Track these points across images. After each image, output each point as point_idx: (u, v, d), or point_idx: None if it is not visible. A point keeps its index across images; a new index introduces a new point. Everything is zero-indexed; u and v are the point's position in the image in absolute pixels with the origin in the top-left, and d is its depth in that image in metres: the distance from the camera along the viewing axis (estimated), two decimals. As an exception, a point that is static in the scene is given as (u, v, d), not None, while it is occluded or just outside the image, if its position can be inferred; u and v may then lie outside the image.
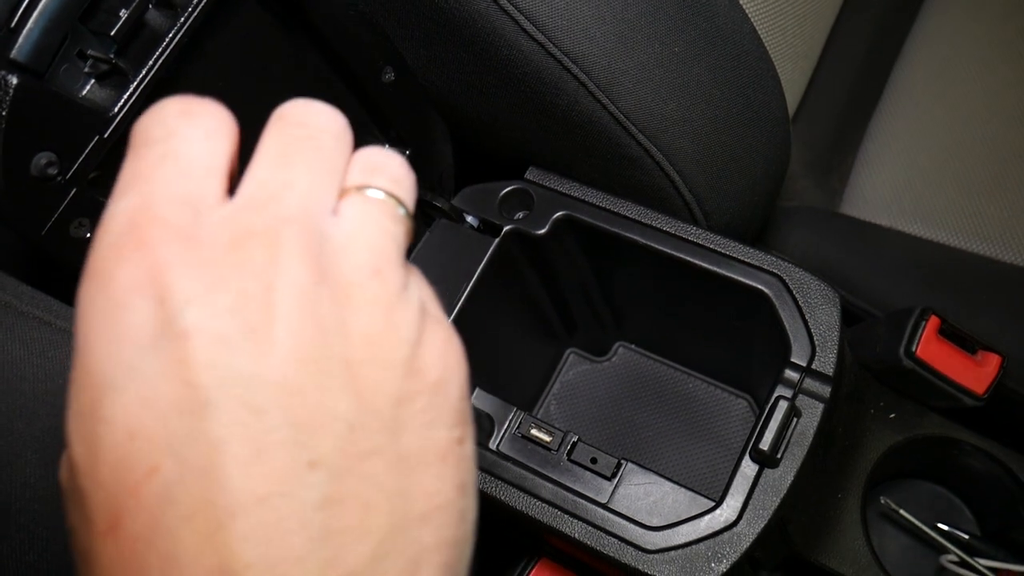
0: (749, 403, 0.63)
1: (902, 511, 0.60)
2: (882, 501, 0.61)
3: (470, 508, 0.22)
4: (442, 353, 0.22)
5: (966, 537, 0.61)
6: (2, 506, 0.35)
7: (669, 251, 0.52)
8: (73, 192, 0.38)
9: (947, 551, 0.60)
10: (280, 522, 0.18)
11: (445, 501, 0.21)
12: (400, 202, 0.23)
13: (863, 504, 0.57)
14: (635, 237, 0.52)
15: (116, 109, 0.39)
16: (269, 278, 0.20)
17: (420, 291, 0.22)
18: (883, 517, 0.62)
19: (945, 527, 0.61)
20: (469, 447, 0.22)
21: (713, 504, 0.46)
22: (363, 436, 0.20)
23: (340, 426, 0.19)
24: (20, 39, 0.36)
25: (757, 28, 0.56)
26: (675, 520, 0.45)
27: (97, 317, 0.20)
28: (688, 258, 0.52)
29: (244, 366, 0.19)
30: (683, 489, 0.51)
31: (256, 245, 0.20)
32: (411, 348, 0.21)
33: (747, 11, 0.56)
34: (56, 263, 0.39)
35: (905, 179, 0.72)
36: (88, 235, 0.39)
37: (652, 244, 0.51)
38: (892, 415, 0.58)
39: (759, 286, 0.50)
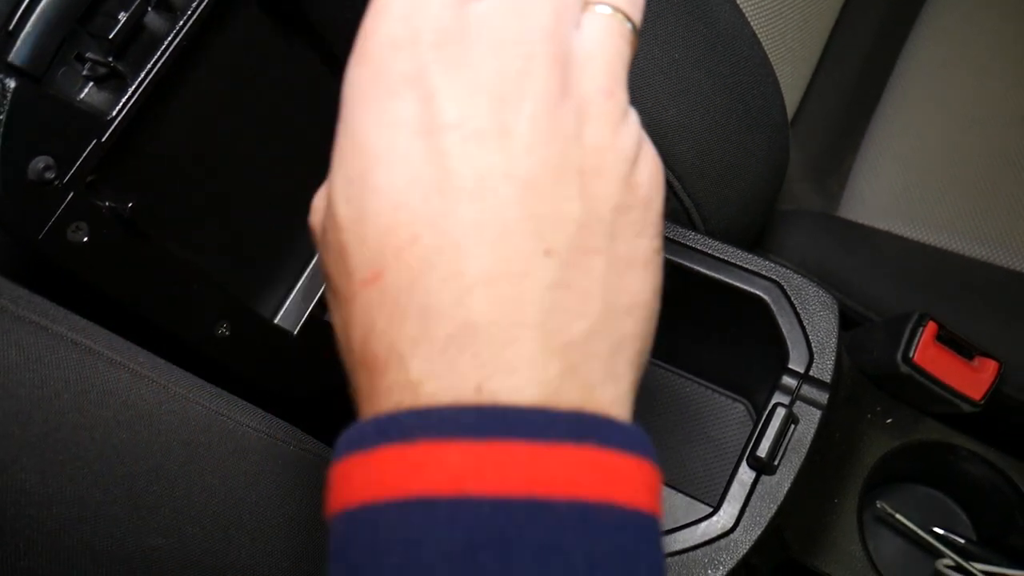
0: (746, 407, 0.63)
1: (898, 515, 0.61)
2: (878, 505, 0.61)
3: (657, 310, 0.25)
4: (652, 173, 0.24)
5: (962, 541, 0.61)
6: (-2, 511, 0.35)
7: (667, 255, 0.52)
8: (70, 196, 0.38)
9: (943, 555, 0.60)
10: (518, 294, 0.21)
11: (643, 300, 0.24)
12: (629, 19, 0.25)
13: (859, 508, 0.57)
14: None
15: (114, 113, 0.38)
16: (523, 86, 0.22)
17: (635, 114, 0.25)
18: (879, 521, 0.62)
19: (941, 531, 0.61)
20: (662, 258, 0.25)
21: (710, 511, 0.46)
22: (588, 236, 0.22)
23: (571, 225, 0.22)
24: (18, 42, 0.35)
25: (757, 31, 0.56)
26: (672, 526, 0.45)
27: (369, 100, 0.23)
28: (686, 263, 0.51)
29: (496, 162, 0.22)
30: (679, 494, 0.51)
31: (514, 54, 0.23)
32: (630, 165, 0.24)
33: (747, 15, 0.56)
34: (53, 266, 0.39)
35: (903, 182, 0.72)
36: (85, 239, 0.39)
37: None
38: (889, 420, 0.59)
39: (757, 292, 0.50)
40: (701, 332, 0.59)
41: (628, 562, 0.20)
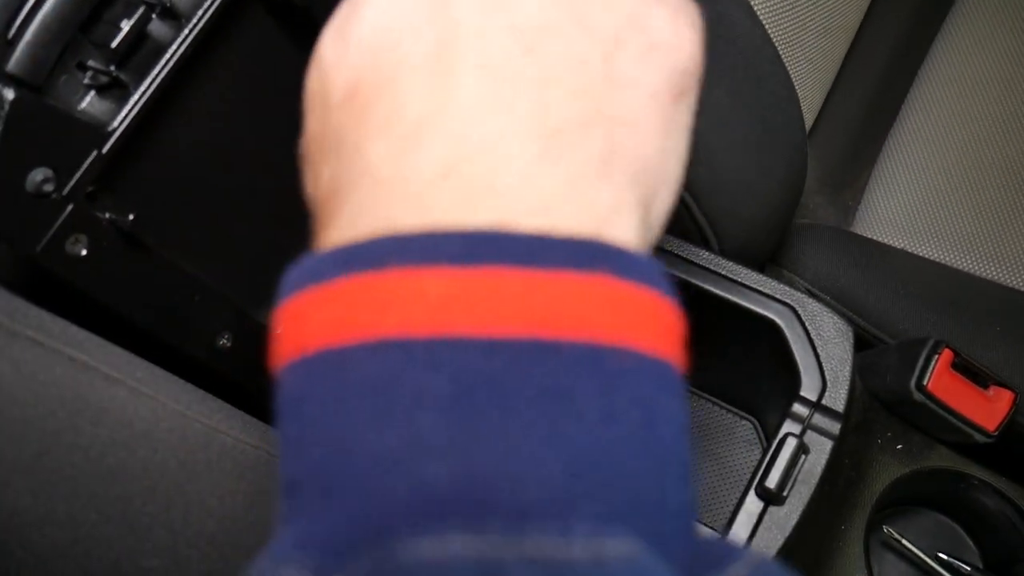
0: (754, 425, 0.62)
1: (904, 540, 0.60)
2: (885, 530, 0.60)
3: (671, 161, 0.22)
4: (671, 22, 0.22)
5: (967, 569, 0.60)
6: (-11, 532, 0.34)
7: (678, 274, 0.51)
8: (70, 208, 0.37)
9: (948, 582, 0.59)
10: (496, 85, 0.20)
11: (643, 122, 0.21)
12: None
13: (866, 535, 0.56)
14: (645, 260, 0.50)
15: (116, 123, 0.37)
16: None
17: None
18: (884, 546, 0.61)
19: (946, 557, 0.60)
20: (683, 113, 0.22)
21: (716, 538, 0.45)
22: (578, 47, 0.21)
23: (560, 37, 0.20)
24: (17, 52, 0.34)
25: (777, 43, 0.54)
26: (676, 555, 0.44)
27: None
28: (698, 282, 0.50)
29: None
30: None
31: None
32: (640, 5, 0.22)
33: (768, 26, 0.54)
34: (53, 278, 0.38)
35: (920, 199, 0.71)
36: (84, 252, 0.38)
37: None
38: (899, 446, 0.57)
39: (771, 316, 0.49)
40: (711, 350, 0.58)
41: (649, 416, 0.17)
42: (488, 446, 0.16)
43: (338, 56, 0.22)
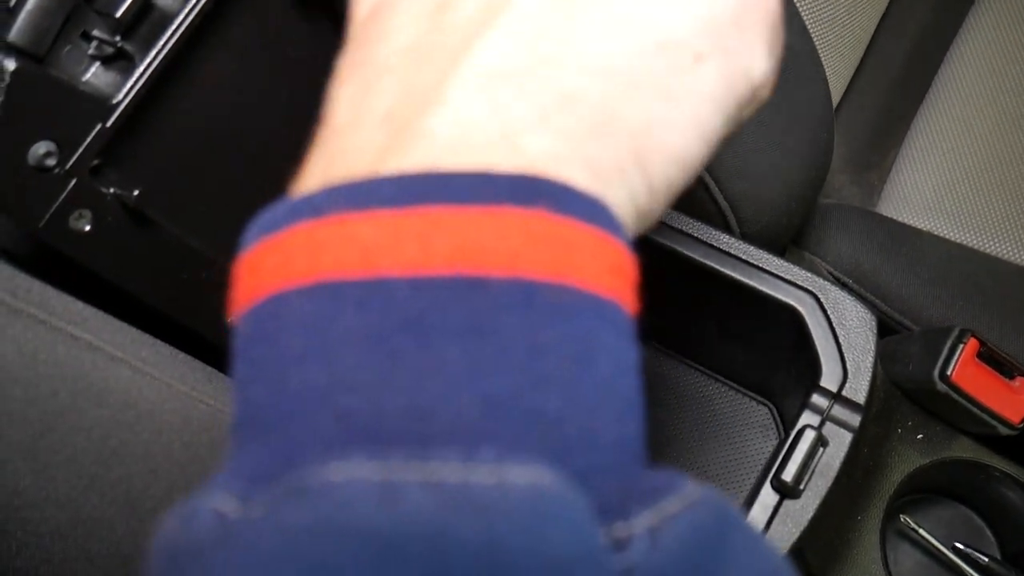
0: (770, 410, 0.61)
1: (921, 530, 0.59)
2: (901, 519, 0.59)
3: (669, 130, 0.20)
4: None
5: (985, 560, 0.59)
6: (-10, 512, 0.34)
7: (697, 258, 0.49)
8: (73, 183, 0.36)
9: (964, 572, 0.58)
10: (475, 24, 0.20)
11: (635, 77, 0.20)
12: None
13: (883, 526, 0.55)
14: (663, 241, 0.49)
15: (120, 96, 0.36)
16: None
17: None
18: (901, 535, 0.60)
19: (963, 547, 0.59)
20: (710, 79, 0.20)
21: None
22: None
23: None
24: (19, 20, 0.33)
25: (806, 19, 0.52)
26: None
27: None
28: (718, 267, 0.49)
29: None
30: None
31: None
32: None
33: (797, 3, 0.52)
34: (57, 253, 0.38)
35: (948, 180, 0.69)
36: (88, 227, 0.37)
37: (681, 250, 0.49)
38: (920, 436, 0.56)
39: (791, 302, 0.47)
40: (729, 334, 0.56)
41: (584, 352, 0.17)
42: (403, 381, 0.16)
43: None
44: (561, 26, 0.19)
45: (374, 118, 0.19)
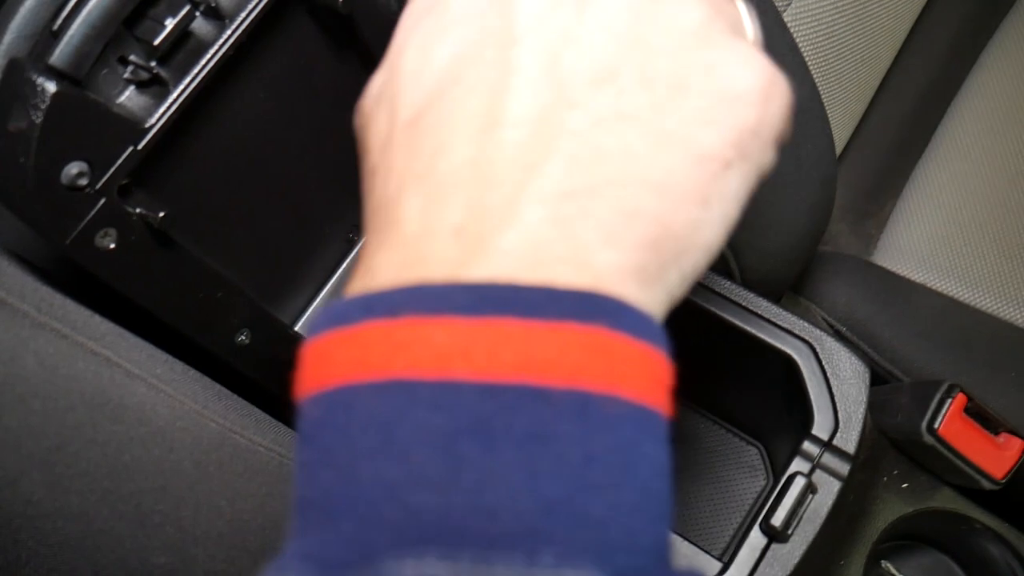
0: (760, 452, 0.63)
1: (901, 577, 0.60)
2: (883, 565, 0.60)
3: (704, 231, 0.22)
4: (749, 73, 0.22)
5: (963, 609, 0.60)
6: (2, 521, 0.34)
7: (699, 302, 0.51)
8: (102, 203, 0.37)
9: (942, 622, 0.59)
10: (533, 141, 0.21)
11: (677, 186, 0.21)
12: None
13: (866, 570, 0.56)
14: (666, 284, 0.50)
15: (153, 120, 0.37)
16: None
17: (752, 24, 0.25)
18: (881, 580, 0.62)
19: (942, 596, 0.60)
20: (734, 181, 0.22)
21: (716, 566, 0.46)
22: (625, 100, 0.21)
23: (616, 88, 0.21)
24: (61, 44, 0.34)
25: (814, 72, 0.54)
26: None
27: None
28: (718, 311, 0.50)
29: (564, 22, 0.22)
30: (686, 542, 0.50)
31: None
32: (702, 48, 0.22)
33: (806, 55, 0.54)
34: (81, 270, 0.39)
35: (943, 234, 0.71)
36: (112, 245, 0.38)
37: (683, 294, 0.50)
38: (905, 484, 0.58)
39: (788, 350, 0.49)
40: (724, 376, 0.58)
41: (629, 459, 0.19)
42: (469, 480, 0.17)
43: (417, 71, 0.23)
44: (614, 146, 0.21)
45: (445, 231, 0.20)
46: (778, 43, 0.47)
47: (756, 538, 0.45)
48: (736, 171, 0.22)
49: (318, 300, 0.52)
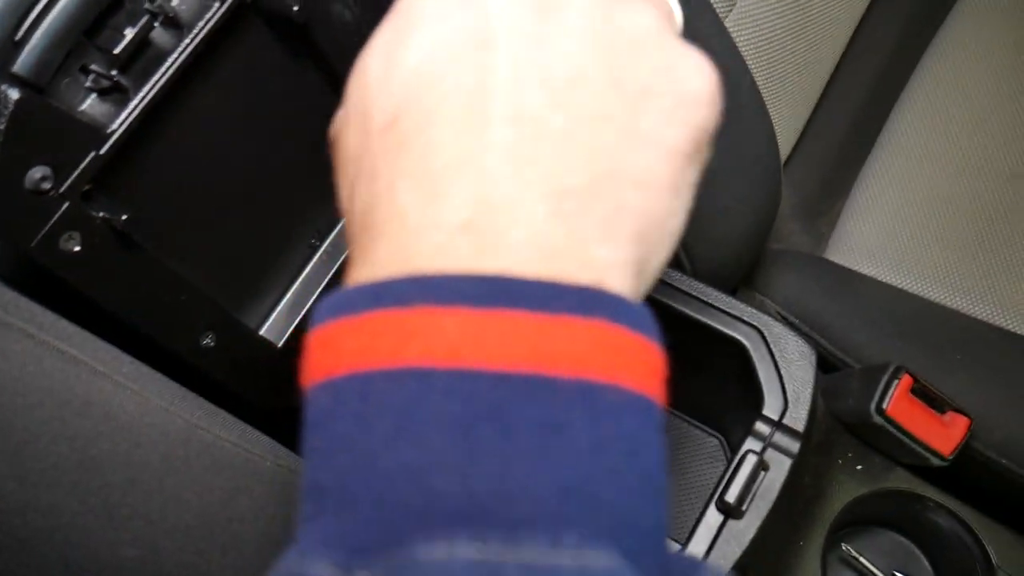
0: (720, 443, 0.64)
1: (862, 558, 0.62)
2: (843, 548, 0.62)
3: (675, 219, 0.24)
4: (700, 77, 0.24)
5: (922, 587, 0.62)
6: (-28, 516, 0.35)
7: (652, 294, 0.52)
8: (65, 206, 0.38)
9: (902, 601, 0.61)
10: (521, 139, 0.22)
11: (655, 183, 0.23)
12: None
13: (824, 551, 0.58)
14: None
15: (114, 126, 0.39)
16: None
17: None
18: (843, 563, 0.63)
19: (901, 575, 0.62)
20: (694, 173, 0.24)
21: (676, 549, 0.47)
22: (604, 102, 0.22)
23: (588, 88, 0.23)
24: (24, 53, 0.36)
25: (756, 75, 0.56)
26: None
27: None
28: (669, 302, 0.52)
29: (532, 27, 0.23)
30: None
31: None
32: (668, 55, 0.24)
33: (748, 58, 0.56)
34: (46, 273, 0.40)
35: (891, 229, 0.73)
36: (77, 248, 0.39)
37: (636, 286, 0.52)
38: (859, 467, 0.59)
39: (737, 336, 0.51)
40: (680, 368, 0.59)
41: (632, 446, 0.20)
42: (490, 466, 0.18)
43: (384, 78, 0.24)
44: (597, 145, 0.22)
45: (452, 225, 0.21)
46: (716, 44, 0.49)
47: (712, 516, 0.47)
48: (695, 164, 0.24)
49: (282, 304, 0.53)
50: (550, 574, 0.17)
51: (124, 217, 0.40)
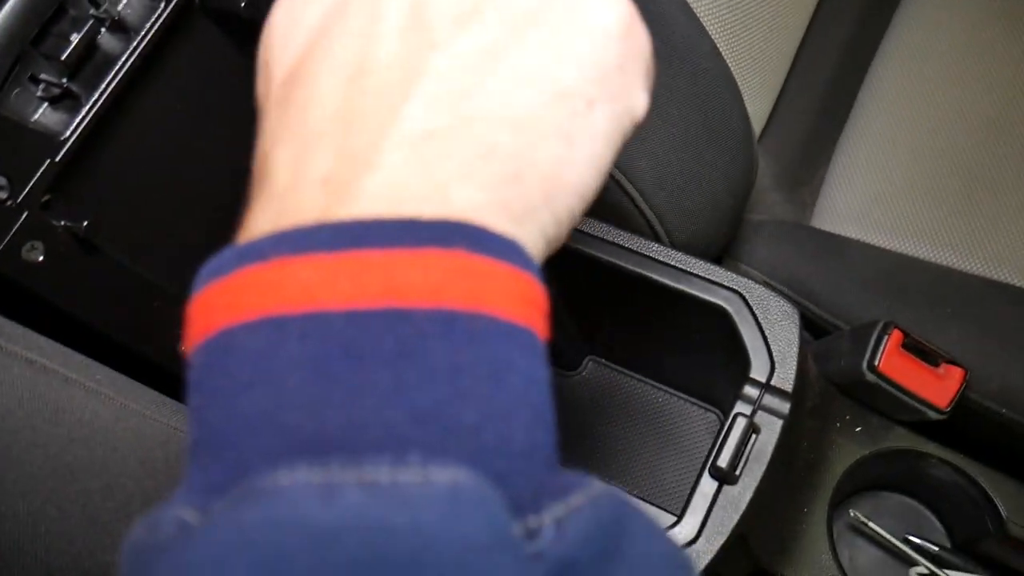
0: (718, 416, 0.64)
1: (871, 523, 0.61)
2: (851, 514, 0.61)
3: (571, 168, 0.23)
4: (605, 5, 0.23)
5: (935, 549, 0.61)
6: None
7: (630, 267, 0.52)
8: (24, 216, 0.38)
9: (916, 563, 0.60)
10: (391, 85, 0.22)
11: (533, 122, 0.22)
12: None
13: (829, 517, 0.57)
14: (596, 253, 0.52)
15: (68, 133, 0.39)
16: None
17: None
18: (853, 530, 0.62)
19: (914, 539, 0.61)
20: (601, 121, 0.23)
21: (673, 521, 0.46)
22: (490, 37, 0.22)
23: (474, 26, 0.22)
24: (-32, 65, 0.36)
25: (720, 44, 0.56)
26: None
27: None
28: (649, 274, 0.52)
29: None
30: (644, 503, 0.51)
31: None
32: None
33: (709, 28, 0.56)
34: (10, 283, 0.40)
35: (875, 191, 0.73)
36: (40, 258, 0.39)
37: (613, 260, 0.52)
38: (858, 429, 0.59)
39: (719, 302, 0.50)
40: (669, 343, 0.59)
41: (497, 370, 0.19)
42: (340, 399, 0.18)
43: (285, 34, 0.24)
44: (474, 86, 0.22)
45: (313, 180, 0.21)
46: (667, 4, 0.49)
47: (707, 483, 0.46)
48: (602, 110, 0.23)
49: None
50: (390, 490, 0.17)
51: (86, 223, 0.40)
